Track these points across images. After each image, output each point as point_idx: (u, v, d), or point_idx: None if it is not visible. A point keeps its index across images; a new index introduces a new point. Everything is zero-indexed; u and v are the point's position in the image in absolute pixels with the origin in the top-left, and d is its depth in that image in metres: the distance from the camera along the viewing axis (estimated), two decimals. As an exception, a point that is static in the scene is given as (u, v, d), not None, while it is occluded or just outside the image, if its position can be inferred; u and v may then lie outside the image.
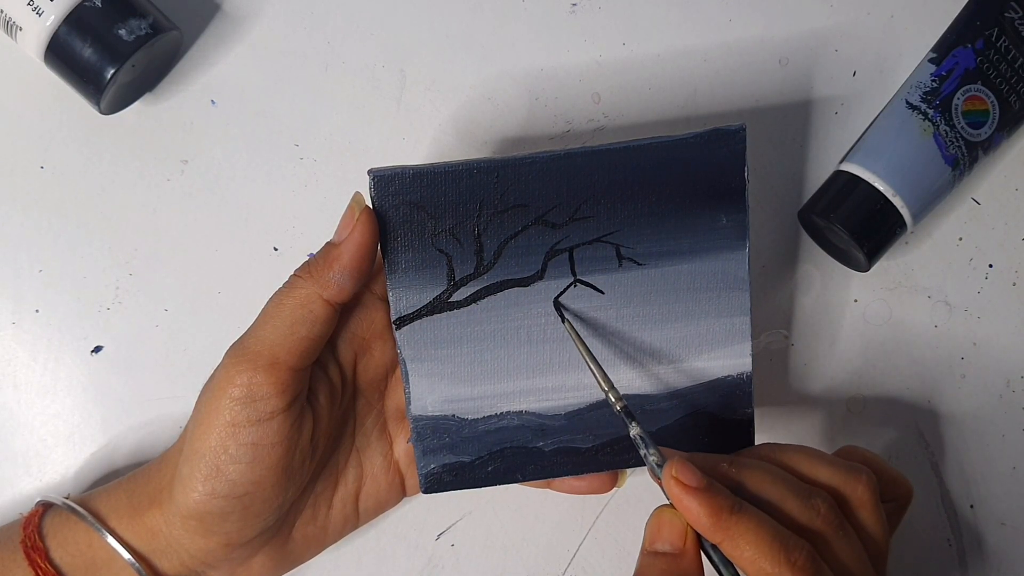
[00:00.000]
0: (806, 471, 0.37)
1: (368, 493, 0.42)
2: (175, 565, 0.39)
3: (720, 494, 0.34)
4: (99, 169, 0.46)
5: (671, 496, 0.34)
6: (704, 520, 0.34)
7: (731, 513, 0.34)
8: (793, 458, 0.38)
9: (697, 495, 0.34)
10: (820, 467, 0.37)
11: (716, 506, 0.34)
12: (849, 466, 0.38)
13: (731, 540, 0.34)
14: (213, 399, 0.37)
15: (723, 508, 0.34)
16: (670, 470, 0.34)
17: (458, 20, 0.48)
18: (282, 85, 0.47)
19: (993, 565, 0.50)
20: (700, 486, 0.34)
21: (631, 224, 0.40)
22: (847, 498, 0.37)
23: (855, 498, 0.37)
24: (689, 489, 0.34)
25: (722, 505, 0.34)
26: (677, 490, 0.34)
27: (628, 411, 0.37)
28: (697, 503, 0.34)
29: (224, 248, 0.47)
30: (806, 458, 0.38)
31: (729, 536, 0.34)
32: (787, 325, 0.49)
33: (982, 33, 0.47)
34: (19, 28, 0.42)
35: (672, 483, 0.34)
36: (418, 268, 0.39)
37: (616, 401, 0.37)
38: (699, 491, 0.34)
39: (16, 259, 0.46)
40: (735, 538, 0.34)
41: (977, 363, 0.50)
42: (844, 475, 0.37)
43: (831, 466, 0.37)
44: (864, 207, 0.45)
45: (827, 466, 0.37)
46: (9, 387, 0.46)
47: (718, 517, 0.34)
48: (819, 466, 0.38)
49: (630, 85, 0.48)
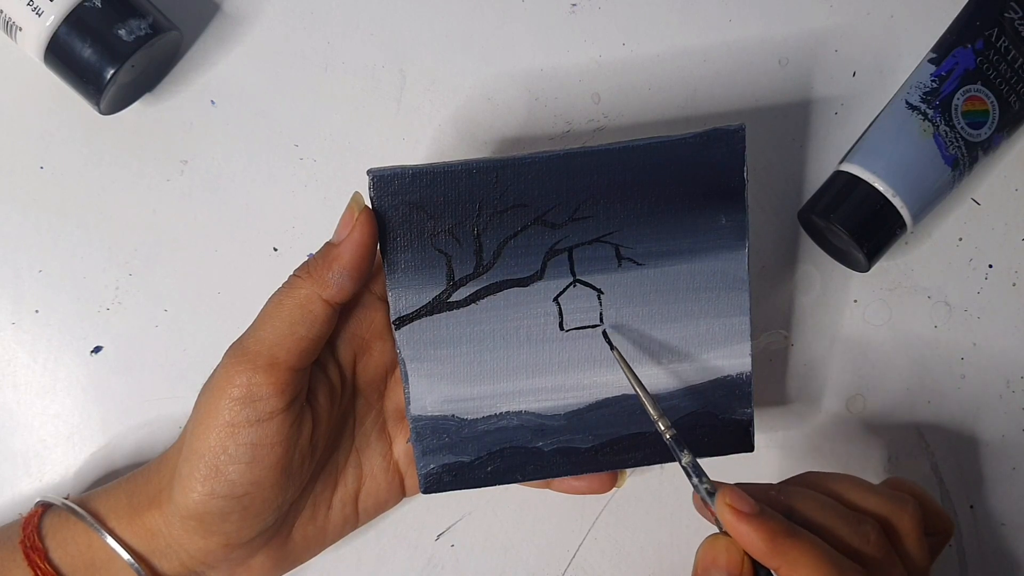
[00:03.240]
0: (854, 499, 0.38)
1: (368, 493, 0.42)
2: (174, 565, 0.39)
3: (774, 519, 0.34)
4: (99, 169, 0.46)
5: (726, 523, 0.35)
6: (760, 546, 0.34)
7: (787, 537, 0.34)
8: (840, 486, 0.38)
9: (751, 521, 0.34)
10: (868, 496, 0.38)
11: (771, 531, 0.34)
12: (896, 496, 0.38)
13: (788, 565, 0.34)
14: (212, 399, 0.37)
15: (778, 533, 0.34)
16: (723, 498, 0.35)
17: (458, 20, 0.48)
18: (282, 85, 0.47)
19: (993, 565, 0.50)
20: (754, 512, 0.34)
21: (630, 224, 0.40)
22: (894, 527, 0.37)
23: (902, 527, 0.37)
24: (743, 515, 0.34)
25: (777, 530, 0.34)
26: (731, 517, 0.34)
27: (679, 440, 0.37)
28: (752, 529, 0.34)
29: (224, 248, 0.47)
30: (853, 487, 0.38)
31: (787, 561, 0.34)
32: (787, 325, 0.49)
33: (982, 33, 0.47)
34: (19, 28, 0.42)
35: (726, 510, 0.34)
36: (417, 268, 0.39)
37: (666, 430, 0.37)
38: (753, 517, 0.34)
39: (16, 259, 0.46)
40: (792, 563, 0.34)
41: (977, 363, 0.50)
42: (891, 505, 0.38)
43: (878, 495, 0.38)
44: (864, 207, 0.45)
45: (874, 495, 0.38)
46: (9, 387, 0.46)
47: (774, 542, 0.34)
48: (867, 495, 0.38)
49: (630, 85, 0.48)
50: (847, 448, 0.49)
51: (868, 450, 0.49)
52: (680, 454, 0.37)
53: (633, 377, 0.39)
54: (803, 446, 0.49)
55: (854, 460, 0.49)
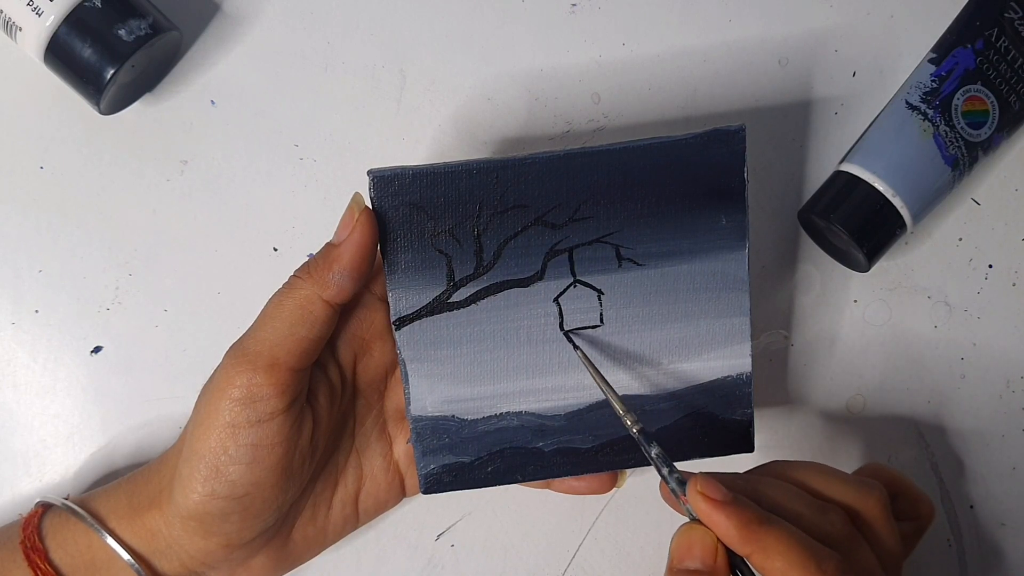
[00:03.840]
0: (819, 487, 0.38)
1: (368, 493, 0.42)
2: (175, 566, 0.39)
3: (747, 507, 0.34)
4: (99, 169, 0.46)
5: (698, 511, 0.35)
6: (733, 533, 0.34)
7: (759, 524, 0.34)
8: (805, 474, 0.38)
9: (725, 508, 0.34)
10: (832, 483, 0.38)
11: (744, 518, 0.34)
12: (860, 481, 0.38)
13: (762, 552, 0.34)
14: (213, 400, 0.37)
15: (751, 520, 0.34)
16: (695, 486, 0.35)
17: (458, 20, 0.48)
18: (282, 85, 0.47)
19: (993, 565, 0.50)
20: (727, 500, 0.34)
21: (631, 224, 0.40)
22: (859, 512, 0.37)
23: (867, 513, 0.37)
24: (716, 503, 0.34)
25: (750, 517, 0.34)
26: (704, 505, 0.34)
27: (645, 433, 0.37)
28: (725, 516, 0.34)
29: (224, 248, 0.47)
30: (818, 474, 0.38)
31: (760, 548, 0.34)
32: (787, 325, 0.49)
33: (982, 33, 0.47)
34: (19, 28, 0.42)
35: (699, 498, 0.34)
36: (418, 268, 0.39)
37: (632, 424, 0.38)
38: (726, 504, 0.34)
39: (16, 259, 0.46)
40: (766, 549, 0.34)
41: (977, 363, 0.50)
42: (856, 490, 0.38)
43: (843, 482, 0.38)
44: (864, 207, 0.45)
45: (839, 482, 0.38)
46: (9, 387, 0.46)
47: (747, 529, 0.34)
48: (831, 482, 0.38)
49: (630, 85, 0.48)
50: (847, 448, 0.49)
51: (868, 450, 0.49)
52: (648, 447, 0.37)
53: (597, 374, 0.39)
54: (803, 446, 0.49)
55: (854, 460, 0.49)
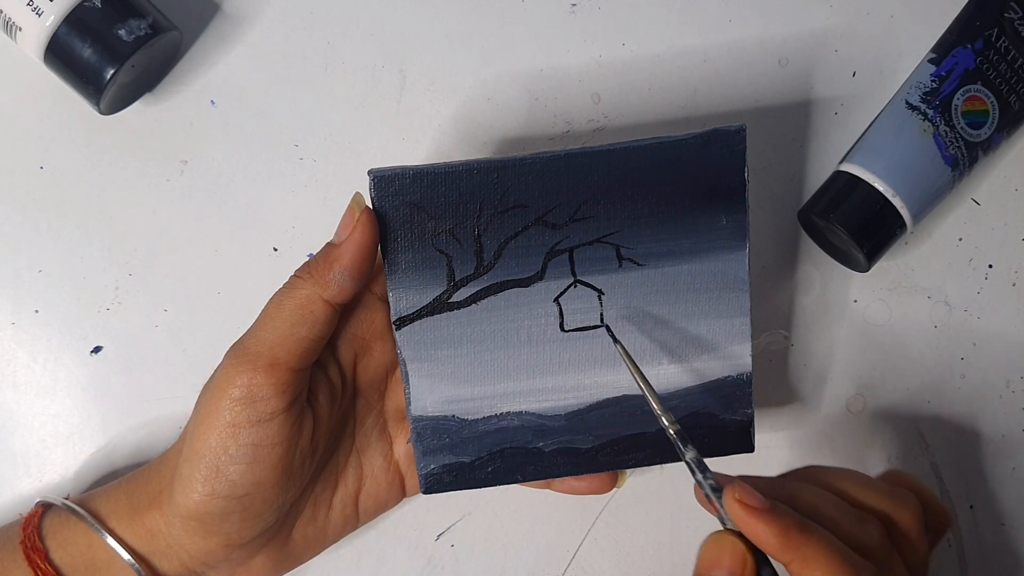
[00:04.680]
0: (857, 495, 0.37)
1: (368, 493, 0.42)
2: (175, 566, 0.39)
3: (786, 514, 0.34)
4: (99, 169, 0.46)
5: (736, 519, 0.34)
6: (773, 541, 0.33)
7: (800, 532, 0.33)
8: (841, 481, 0.38)
9: (763, 516, 0.33)
10: (870, 492, 0.38)
11: (784, 526, 0.33)
12: (897, 493, 0.38)
13: (801, 560, 0.33)
14: (213, 400, 0.37)
15: (791, 528, 0.33)
16: (733, 493, 0.34)
17: (458, 20, 0.48)
18: (282, 85, 0.47)
19: (993, 565, 0.50)
20: (764, 507, 0.34)
21: (631, 224, 0.40)
22: (895, 523, 0.37)
23: (903, 524, 0.37)
24: (754, 511, 0.33)
25: (790, 525, 0.33)
26: (742, 513, 0.34)
27: (683, 435, 0.37)
28: (764, 524, 0.33)
29: (224, 248, 0.47)
30: (856, 482, 0.38)
31: (799, 556, 0.33)
32: (787, 325, 0.49)
33: (982, 33, 0.47)
34: (19, 28, 0.42)
35: (736, 506, 0.34)
36: (418, 268, 0.39)
37: (670, 425, 0.37)
38: (764, 512, 0.33)
39: (16, 259, 0.46)
40: (804, 558, 0.33)
41: (977, 363, 0.50)
42: (892, 501, 0.37)
43: (879, 492, 0.38)
44: (864, 207, 0.45)
45: (877, 492, 0.38)
46: (9, 387, 0.46)
47: (787, 537, 0.33)
48: (869, 491, 0.38)
49: (630, 85, 0.48)
50: (847, 448, 0.49)
51: (868, 450, 0.49)
52: (684, 450, 0.36)
53: (637, 372, 0.38)
54: (803, 446, 0.49)
55: (854, 460, 0.49)
